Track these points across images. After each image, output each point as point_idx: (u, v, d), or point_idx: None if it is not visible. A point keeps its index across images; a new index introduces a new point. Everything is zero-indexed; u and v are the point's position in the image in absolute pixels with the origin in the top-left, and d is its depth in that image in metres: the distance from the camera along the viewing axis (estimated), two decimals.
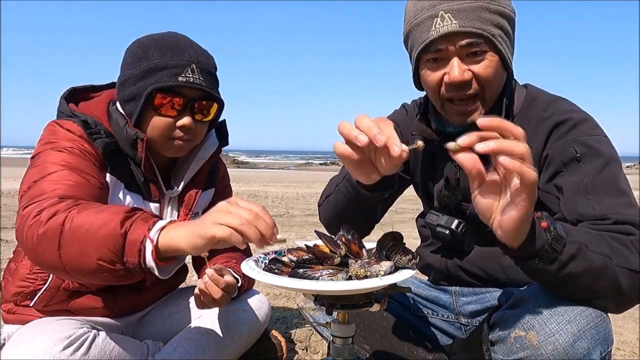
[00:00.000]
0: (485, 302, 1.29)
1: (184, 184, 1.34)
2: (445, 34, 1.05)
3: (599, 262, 0.88)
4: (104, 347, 1.16)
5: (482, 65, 1.08)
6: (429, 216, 1.28)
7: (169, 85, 1.16)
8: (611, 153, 1.08)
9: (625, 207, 1.00)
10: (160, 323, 1.45)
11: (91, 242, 0.89)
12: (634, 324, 2.26)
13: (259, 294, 1.49)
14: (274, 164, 43.22)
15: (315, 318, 1.44)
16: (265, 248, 0.99)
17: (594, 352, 0.92)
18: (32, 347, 1.07)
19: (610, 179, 1.04)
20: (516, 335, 0.97)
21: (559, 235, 0.85)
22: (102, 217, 0.90)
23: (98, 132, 1.19)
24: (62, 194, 1.00)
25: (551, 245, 0.84)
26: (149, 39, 1.22)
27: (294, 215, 6.42)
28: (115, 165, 1.22)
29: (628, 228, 0.95)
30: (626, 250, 0.92)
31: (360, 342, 1.34)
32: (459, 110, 1.13)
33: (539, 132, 1.14)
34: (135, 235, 0.88)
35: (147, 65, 1.17)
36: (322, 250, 0.99)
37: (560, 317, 0.93)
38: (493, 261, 1.25)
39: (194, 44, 1.24)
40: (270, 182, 13.17)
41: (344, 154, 0.86)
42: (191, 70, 1.18)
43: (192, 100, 1.20)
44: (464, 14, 1.05)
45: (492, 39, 1.07)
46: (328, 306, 0.94)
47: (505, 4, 1.10)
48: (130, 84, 1.20)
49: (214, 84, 1.25)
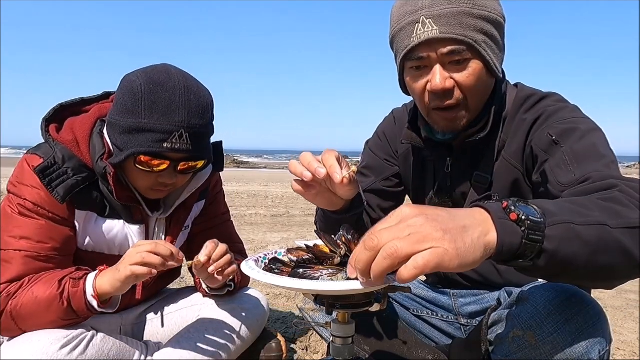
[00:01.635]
0: (484, 302, 1.29)
1: (172, 209, 1.32)
2: (426, 40, 1.02)
3: (594, 233, 0.74)
4: (102, 346, 1.16)
5: (465, 74, 1.06)
6: None
7: (152, 151, 1.11)
8: (589, 128, 1.04)
9: (605, 167, 0.94)
10: (159, 323, 1.45)
11: (43, 317, 1.11)
12: (634, 324, 2.26)
13: (257, 292, 1.49)
14: (274, 164, 43.21)
15: (315, 318, 1.44)
16: (264, 248, 1.00)
17: (592, 351, 0.92)
18: (30, 347, 1.07)
19: (590, 146, 1.00)
20: (515, 335, 0.96)
21: (533, 224, 0.70)
22: (42, 296, 1.10)
23: (64, 174, 1.16)
24: (13, 276, 1.14)
25: (529, 237, 0.69)
26: (142, 85, 1.12)
27: (294, 215, 6.42)
28: (86, 198, 1.21)
29: (610, 182, 0.86)
30: (619, 206, 0.79)
31: (360, 343, 1.34)
32: (445, 117, 1.11)
33: (519, 132, 1.13)
34: (77, 300, 1.11)
35: (134, 123, 1.10)
36: (322, 250, 0.99)
37: (558, 317, 0.92)
38: (489, 265, 1.25)
39: (190, 100, 1.13)
40: (270, 182, 13.17)
41: (298, 190, 0.99)
42: (179, 135, 1.11)
43: (176, 161, 1.16)
44: (445, 20, 1.01)
45: (475, 45, 1.03)
46: (328, 306, 0.94)
47: (490, 7, 1.06)
48: (116, 132, 1.15)
49: (203, 143, 1.18)
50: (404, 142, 1.27)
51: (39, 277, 1.14)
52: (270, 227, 5.25)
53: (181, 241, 1.42)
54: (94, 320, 1.31)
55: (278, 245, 4.05)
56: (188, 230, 1.44)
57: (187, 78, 1.17)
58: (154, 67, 1.17)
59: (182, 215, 1.36)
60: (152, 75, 1.13)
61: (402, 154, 1.35)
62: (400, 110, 1.42)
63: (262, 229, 5.13)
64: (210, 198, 1.47)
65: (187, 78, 1.17)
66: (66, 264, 1.21)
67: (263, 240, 4.30)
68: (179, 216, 1.36)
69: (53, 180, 1.16)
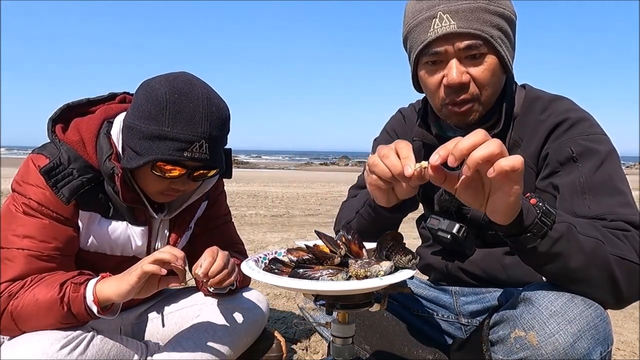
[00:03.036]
0: (485, 302, 1.29)
1: (178, 211, 1.34)
2: (444, 34, 1.05)
3: (590, 244, 0.89)
4: (102, 347, 1.16)
5: (480, 68, 1.08)
6: (430, 220, 1.27)
7: (172, 159, 1.13)
8: (608, 151, 1.08)
9: (621, 207, 1.00)
10: (159, 322, 1.45)
11: (43, 319, 1.11)
12: (634, 324, 2.26)
13: (257, 292, 1.49)
14: (274, 164, 43.21)
15: (315, 318, 1.44)
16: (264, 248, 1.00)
17: (594, 352, 0.92)
18: (29, 347, 1.07)
19: (607, 178, 1.04)
20: (516, 335, 0.97)
21: (548, 211, 0.88)
22: (43, 298, 1.10)
23: (69, 174, 1.17)
24: (15, 275, 1.14)
25: (541, 219, 0.87)
26: (167, 94, 1.12)
27: (294, 215, 6.42)
28: (90, 199, 1.21)
29: (623, 225, 0.96)
30: (620, 242, 0.93)
31: (361, 342, 1.34)
32: (457, 112, 1.13)
33: (537, 134, 1.14)
34: (77, 305, 1.11)
35: (156, 130, 1.12)
36: (322, 250, 0.99)
37: (560, 317, 0.92)
38: (494, 261, 1.25)
39: (212, 112, 1.14)
40: (270, 182, 13.18)
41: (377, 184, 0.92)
42: (199, 145, 1.13)
43: (192, 169, 1.19)
44: (462, 15, 1.04)
45: (491, 40, 1.06)
46: (328, 306, 0.94)
47: (505, 5, 1.08)
48: (136, 136, 1.15)
49: (220, 153, 1.21)
50: (415, 139, 1.27)
51: (41, 278, 1.14)
52: (270, 227, 5.25)
53: (184, 242, 1.42)
54: (94, 320, 1.31)
55: (278, 245, 4.04)
56: (190, 231, 1.44)
57: (209, 89, 1.18)
58: (175, 76, 1.17)
59: (186, 217, 1.38)
60: (176, 84, 1.14)
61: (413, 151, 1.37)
62: (408, 109, 1.43)
63: (262, 229, 5.13)
64: (212, 199, 1.48)
65: (209, 89, 1.18)
66: (68, 264, 1.21)
67: (263, 240, 4.30)
68: (183, 218, 1.37)
69: (58, 181, 1.16)
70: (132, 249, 1.30)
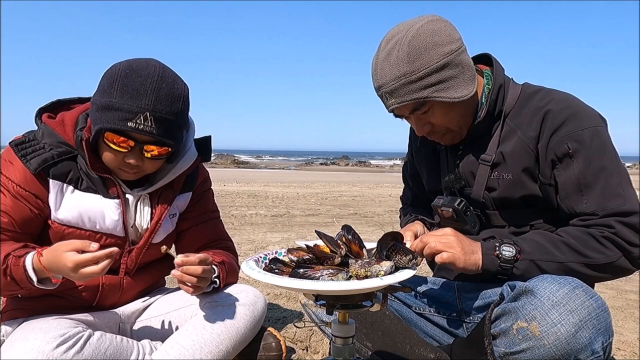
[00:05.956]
0: (487, 297, 1.30)
1: (155, 187, 1.37)
2: (392, 109, 1.25)
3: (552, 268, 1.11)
4: (99, 345, 1.16)
5: (433, 118, 1.25)
6: (435, 200, 1.37)
7: (116, 128, 1.18)
8: (600, 143, 1.16)
9: (611, 199, 1.12)
10: (156, 321, 1.46)
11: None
12: (634, 324, 2.26)
13: (255, 290, 1.49)
14: (274, 164, 43.22)
15: (317, 315, 1.44)
16: (264, 248, 0.99)
17: (595, 342, 0.95)
18: (26, 346, 1.08)
19: (599, 171, 1.14)
20: (518, 326, 1.00)
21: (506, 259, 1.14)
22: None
23: (41, 148, 1.25)
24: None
25: (501, 266, 1.15)
26: (121, 70, 1.20)
27: (294, 215, 6.42)
28: (63, 170, 1.27)
29: (609, 222, 1.11)
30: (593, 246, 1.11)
31: (363, 340, 1.34)
32: (441, 141, 1.34)
33: (534, 120, 1.22)
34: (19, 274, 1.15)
35: (105, 101, 1.18)
36: (323, 250, 1.00)
37: (562, 308, 0.95)
38: None
39: (161, 87, 1.19)
40: (270, 182, 13.17)
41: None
42: (144, 117, 1.17)
43: (141, 143, 1.22)
44: (395, 93, 1.20)
45: (426, 99, 1.19)
46: (328, 306, 0.94)
47: (428, 60, 1.16)
48: (92, 110, 1.23)
49: (170, 130, 1.23)
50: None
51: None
52: (270, 227, 5.25)
53: (167, 228, 1.44)
54: (90, 319, 1.31)
55: (278, 245, 4.04)
56: (176, 219, 1.47)
57: (166, 70, 1.23)
58: (138, 59, 1.24)
59: (168, 195, 1.41)
60: (133, 62, 1.22)
61: (417, 148, 1.54)
62: None
63: (263, 229, 5.13)
64: (198, 194, 1.52)
65: (166, 70, 1.23)
66: (24, 242, 1.25)
67: (263, 240, 4.30)
68: (165, 195, 1.40)
69: (28, 153, 1.24)
70: (107, 224, 1.32)
